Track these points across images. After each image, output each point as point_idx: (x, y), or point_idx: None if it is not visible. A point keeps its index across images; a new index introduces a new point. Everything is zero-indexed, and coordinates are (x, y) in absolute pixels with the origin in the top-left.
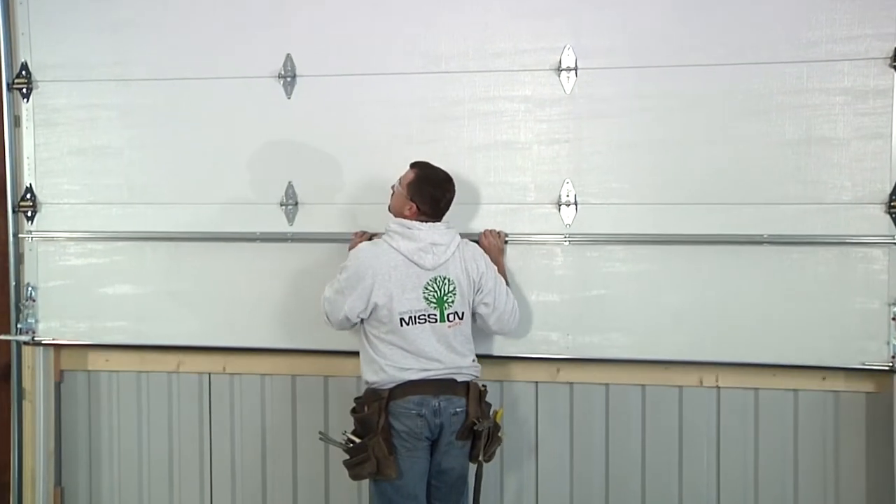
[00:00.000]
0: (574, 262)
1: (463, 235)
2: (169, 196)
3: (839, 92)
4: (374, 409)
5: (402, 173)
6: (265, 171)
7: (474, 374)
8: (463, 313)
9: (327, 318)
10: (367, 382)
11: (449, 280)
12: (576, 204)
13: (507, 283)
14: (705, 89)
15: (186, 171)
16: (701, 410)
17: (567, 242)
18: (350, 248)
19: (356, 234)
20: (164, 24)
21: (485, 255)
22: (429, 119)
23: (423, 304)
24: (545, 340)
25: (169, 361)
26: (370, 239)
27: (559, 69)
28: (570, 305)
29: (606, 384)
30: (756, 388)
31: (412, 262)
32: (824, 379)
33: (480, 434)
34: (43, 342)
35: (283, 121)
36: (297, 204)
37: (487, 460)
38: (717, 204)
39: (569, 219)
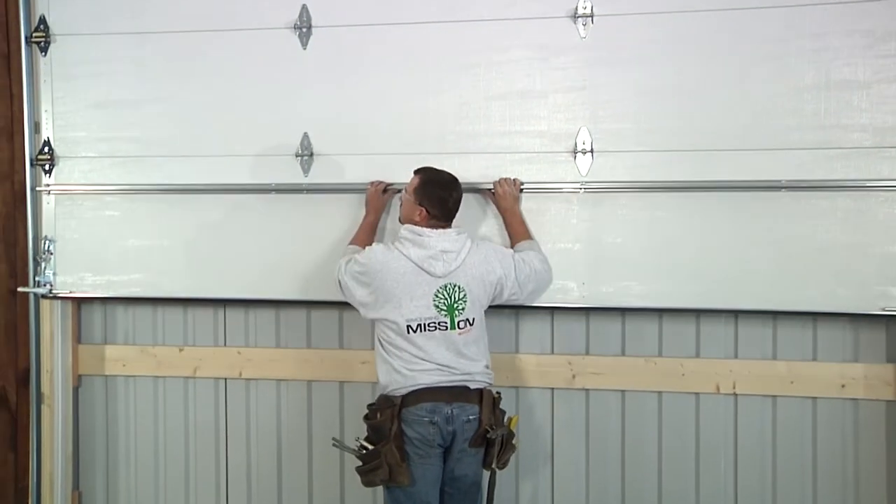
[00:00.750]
0: (590, 210)
1: (479, 186)
2: (185, 149)
3: (861, 34)
4: (387, 416)
5: (408, 180)
6: (280, 122)
7: (487, 380)
8: (474, 319)
9: (340, 289)
10: (381, 386)
11: (459, 287)
12: (592, 152)
13: (530, 233)
14: (722, 34)
15: (202, 123)
16: (718, 418)
17: (583, 191)
18: (367, 199)
19: (372, 183)
20: None
21: (499, 251)
22: (444, 68)
23: (434, 311)
24: (561, 290)
25: (185, 366)
26: (385, 191)
27: (575, 16)
28: (586, 255)
29: (622, 390)
30: (774, 396)
31: (422, 269)
32: (843, 387)
33: (494, 441)
34: (60, 295)
35: (299, 72)
36: (312, 155)
37: (501, 468)
38: (735, 150)
39: (585, 167)
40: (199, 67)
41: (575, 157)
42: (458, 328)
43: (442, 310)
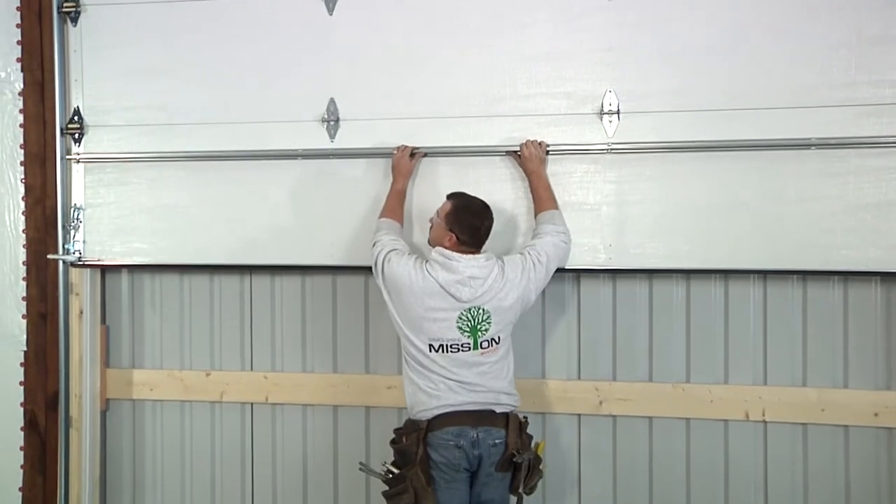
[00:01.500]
0: (617, 172)
1: (505, 149)
2: (211, 116)
3: None
4: (413, 440)
5: (440, 204)
6: (306, 88)
7: (513, 403)
8: (500, 338)
9: (375, 270)
10: (408, 408)
11: (484, 310)
12: (618, 113)
13: (554, 200)
14: None
15: (229, 90)
16: (747, 446)
17: (609, 152)
18: (393, 165)
19: (398, 148)
20: None
21: (516, 269)
22: (471, 31)
23: (457, 333)
24: (588, 251)
25: (212, 391)
26: (412, 155)
27: None
28: (612, 217)
29: (650, 417)
30: (804, 424)
31: (448, 293)
32: (877, 415)
33: (520, 466)
34: (88, 262)
35: (325, 37)
36: (338, 120)
37: (528, 493)
38: (763, 109)
39: (611, 129)
40: (226, 35)
41: (601, 119)
42: (481, 348)
43: (465, 331)
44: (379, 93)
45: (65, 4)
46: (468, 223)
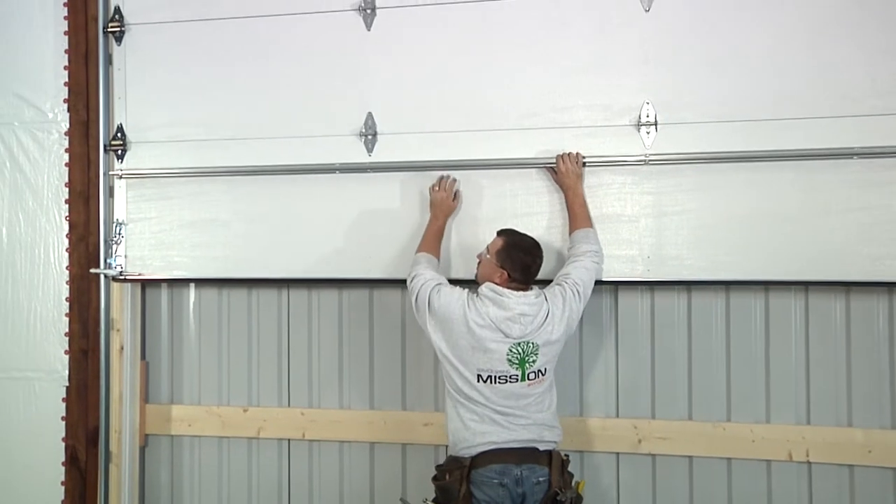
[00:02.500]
0: (655, 183)
1: (541, 162)
2: (251, 131)
3: None
4: (456, 478)
5: (490, 241)
6: (345, 102)
7: (556, 439)
8: (545, 370)
9: (414, 303)
10: (450, 444)
11: (534, 343)
12: (656, 124)
13: (589, 218)
14: (790, 1)
15: (268, 106)
16: (791, 487)
17: (647, 163)
18: (432, 202)
19: (437, 186)
20: None
21: (557, 303)
22: (508, 45)
23: (506, 366)
24: (626, 262)
25: (250, 427)
26: (454, 197)
27: None
28: (651, 228)
29: (690, 456)
30: (851, 465)
31: (499, 329)
32: None
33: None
34: (129, 277)
35: (363, 53)
36: (375, 134)
37: None
38: (804, 118)
39: (649, 140)
40: (266, 51)
41: (639, 130)
42: (528, 379)
43: (514, 363)
44: (416, 107)
45: (110, 24)
46: (520, 261)
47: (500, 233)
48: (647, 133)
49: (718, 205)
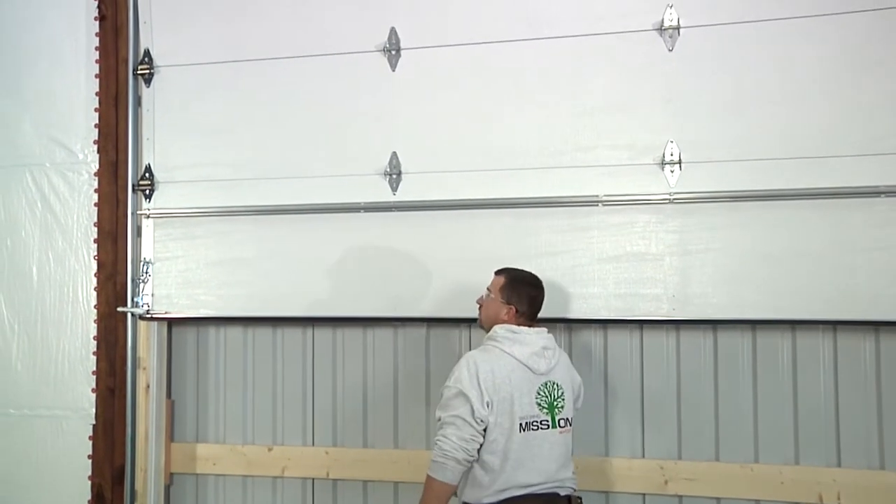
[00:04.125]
0: (679, 221)
1: (564, 199)
2: (276, 171)
3: None
4: None
5: (490, 282)
6: (370, 142)
7: (574, 484)
8: (571, 419)
9: (445, 457)
10: (462, 496)
11: (557, 385)
12: (680, 163)
13: None
14: (811, 40)
15: (294, 146)
16: None
17: (671, 202)
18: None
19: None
20: (274, 8)
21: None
22: (529, 86)
23: (536, 409)
24: (651, 301)
25: (274, 466)
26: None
27: (661, 29)
28: (676, 267)
29: (717, 498)
30: None
31: (526, 366)
32: None
33: None
34: (156, 316)
35: (388, 93)
36: (400, 173)
37: None
38: (829, 157)
39: (673, 178)
40: (292, 92)
41: (663, 169)
42: (560, 426)
43: (543, 408)
44: (441, 146)
45: (140, 66)
46: (527, 294)
47: (500, 271)
48: (672, 172)
49: (744, 243)
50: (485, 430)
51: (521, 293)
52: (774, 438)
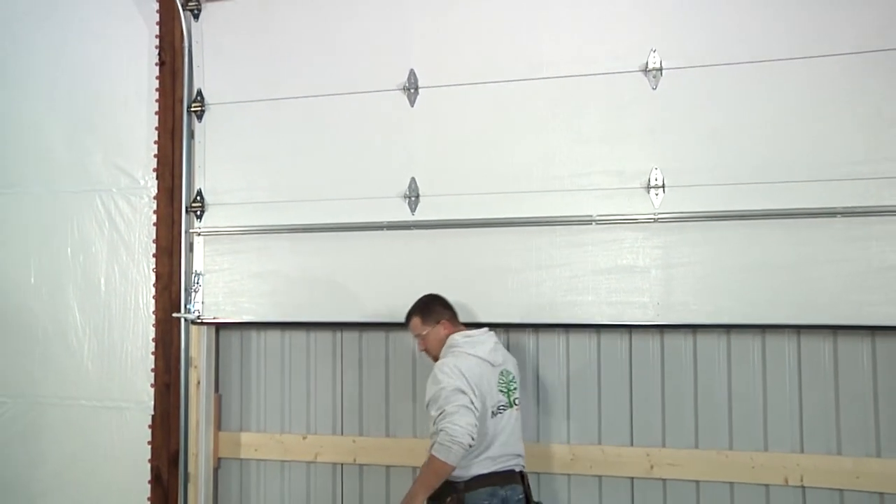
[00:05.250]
0: (663, 238)
1: (562, 218)
2: (310, 194)
3: None
4: (455, 500)
5: (413, 331)
6: (391, 169)
7: (524, 463)
8: (519, 399)
9: (453, 442)
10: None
11: (510, 371)
12: (663, 187)
13: None
14: (779, 81)
15: (325, 172)
16: None
17: (655, 221)
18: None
19: None
20: (308, 49)
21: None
22: (534, 119)
23: (500, 395)
24: (638, 308)
25: (308, 452)
26: None
27: (646, 70)
28: (660, 278)
29: (697, 481)
30: (841, 490)
31: (487, 361)
32: None
33: None
34: (205, 321)
35: (407, 126)
36: (418, 196)
37: None
38: (793, 182)
39: (657, 201)
40: (323, 125)
41: (649, 192)
42: (515, 405)
43: (504, 392)
44: (454, 172)
45: (193, 104)
46: (439, 303)
47: (408, 317)
48: (656, 195)
49: (720, 257)
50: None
51: (434, 307)
52: (746, 428)
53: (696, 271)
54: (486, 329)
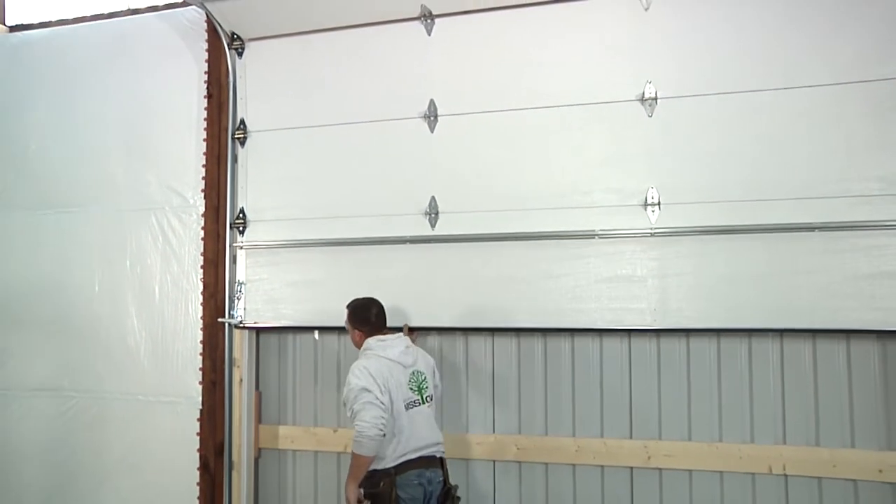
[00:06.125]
0: (659, 251)
1: (568, 232)
2: (341, 211)
3: (872, 105)
4: (387, 484)
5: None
6: (412, 188)
7: (443, 449)
8: (432, 396)
9: (361, 436)
10: (381, 458)
11: (421, 372)
12: (659, 204)
13: None
14: (761, 111)
15: (354, 192)
16: (771, 495)
17: (652, 235)
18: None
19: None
20: (340, 82)
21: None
22: (542, 143)
23: (411, 393)
24: (637, 314)
25: (338, 444)
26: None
27: (643, 99)
28: (656, 287)
29: (690, 470)
30: (819, 478)
31: (398, 363)
32: (881, 472)
33: (451, 494)
34: (247, 325)
35: (427, 150)
36: (437, 213)
37: None
38: (776, 199)
39: (653, 217)
40: (352, 149)
41: (646, 209)
42: (427, 402)
43: (415, 390)
44: (470, 191)
45: (237, 132)
46: (360, 316)
47: (347, 305)
48: (653, 211)
49: (710, 268)
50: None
51: (359, 315)
52: (734, 422)
53: (688, 281)
54: (399, 334)
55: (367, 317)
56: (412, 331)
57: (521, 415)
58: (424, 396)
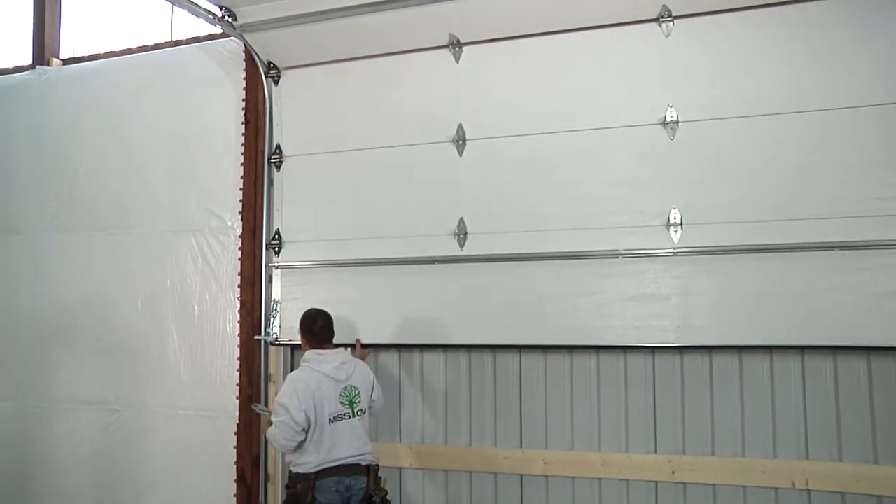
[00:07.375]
0: (681, 269)
1: (592, 252)
2: (371, 232)
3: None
4: (305, 487)
5: None
6: (442, 210)
7: (372, 459)
8: (365, 410)
9: (273, 441)
10: (294, 467)
11: (355, 387)
12: (681, 225)
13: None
14: (778, 133)
15: (385, 214)
16: None
17: (674, 255)
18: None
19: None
20: (371, 108)
21: (368, 368)
22: (566, 166)
23: (340, 406)
24: (660, 332)
25: None
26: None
27: (664, 123)
28: (679, 305)
29: (714, 484)
30: (843, 493)
31: (331, 377)
32: None
33: (375, 502)
34: (282, 342)
35: (456, 173)
36: (466, 234)
37: None
38: (794, 219)
39: (676, 237)
40: (383, 173)
41: (668, 229)
42: (358, 416)
43: (345, 404)
44: (498, 212)
45: (273, 156)
46: (306, 327)
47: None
48: (675, 231)
49: (732, 286)
50: (304, 429)
51: (304, 327)
52: (757, 437)
53: (711, 299)
54: (339, 349)
55: (311, 328)
56: (364, 347)
57: (547, 430)
58: (356, 410)
